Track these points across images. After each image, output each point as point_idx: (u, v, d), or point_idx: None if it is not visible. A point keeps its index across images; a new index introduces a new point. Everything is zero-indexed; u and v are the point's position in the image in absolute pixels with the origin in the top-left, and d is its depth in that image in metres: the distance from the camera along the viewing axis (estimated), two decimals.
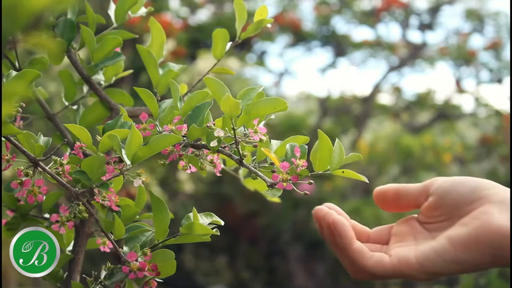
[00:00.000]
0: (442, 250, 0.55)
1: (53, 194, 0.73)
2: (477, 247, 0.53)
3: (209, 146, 0.63)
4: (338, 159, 0.60)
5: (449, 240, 0.55)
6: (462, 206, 0.56)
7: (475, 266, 0.54)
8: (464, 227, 0.55)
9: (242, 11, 0.73)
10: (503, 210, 0.54)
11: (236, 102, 0.58)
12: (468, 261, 0.54)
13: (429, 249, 0.56)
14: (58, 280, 0.71)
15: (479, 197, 0.56)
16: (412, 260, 0.56)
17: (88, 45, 0.73)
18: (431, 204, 0.59)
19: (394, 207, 0.62)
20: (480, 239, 0.53)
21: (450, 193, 0.57)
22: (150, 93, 0.65)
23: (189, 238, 0.63)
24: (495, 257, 0.54)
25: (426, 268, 0.55)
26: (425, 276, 0.56)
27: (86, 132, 0.63)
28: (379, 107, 4.88)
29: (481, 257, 0.54)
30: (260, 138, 0.62)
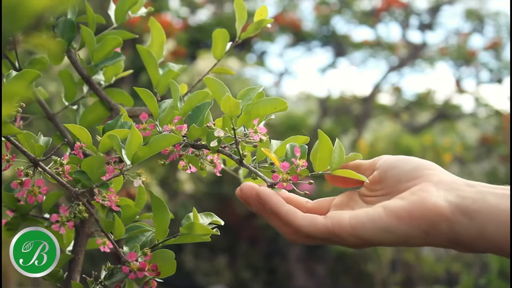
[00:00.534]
0: (376, 216, 0.55)
1: (53, 194, 0.73)
2: (410, 221, 0.54)
3: (209, 146, 0.63)
4: (338, 159, 0.60)
5: (384, 209, 0.55)
6: (402, 182, 0.57)
7: (406, 239, 0.55)
8: (400, 200, 0.55)
9: (242, 11, 0.73)
10: (440, 189, 0.55)
11: (236, 102, 0.58)
12: (399, 232, 0.54)
13: (363, 213, 0.56)
14: (58, 280, 0.71)
15: (420, 175, 0.57)
16: (345, 221, 0.56)
17: (88, 45, 0.73)
18: (374, 177, 0.60)
19: (342, 182, 0.63)
20: (414, 213, 0.54)
21: (393, 169, 0.59)
22: (150, 93, 0.65)
23: (189, 238, 0.63)
24: (427, 234, 0.54)
25: (357, 231, 0.55)
26: (356, 241, 0.56)
27: (86, 132, 0.63)
28: (379, 107, 4.88)
29: (412, 231, 0.54)
30: (260, 138, 0.62)
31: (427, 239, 0.55)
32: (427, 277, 3.83)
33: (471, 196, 0.54)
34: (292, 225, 0.58)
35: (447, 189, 0.55)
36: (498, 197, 0.53)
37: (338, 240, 0.57)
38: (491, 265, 2.34)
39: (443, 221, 0.54)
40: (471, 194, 0.54)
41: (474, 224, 0.53)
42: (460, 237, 0.54)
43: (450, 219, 0.53)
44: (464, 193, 0.54)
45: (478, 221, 0.53)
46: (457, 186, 0.55)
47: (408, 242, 0.56)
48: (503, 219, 0.52)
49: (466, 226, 0.53)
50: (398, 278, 3.82)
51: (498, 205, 0.53)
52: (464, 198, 0.54)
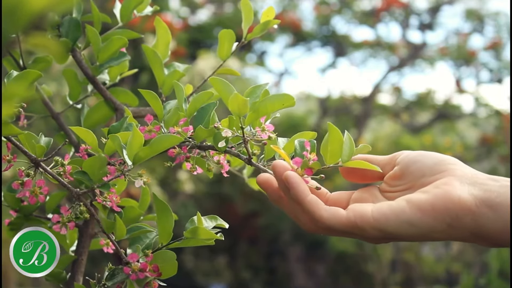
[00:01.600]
0: (399, 209, 0.55)
1: (57, 194, 0.72)
2: (434, 213, 0.54)
3: (216, 147, 0.62)
4: (349, 150, 0.59)
5: (407, 202, 0.55)
6: (425, 177, 0.57)
7: (429, 233, 0.55)
8: (424, 194, 0.55)
9: (248, 12, 0.72)
10: (464, 183, 0.55)
11: (244, 100, 0.58)
12: (422, 225, 0.54)
13: (386, 206, 0.56)
14: (61, 281, 0.71)
15: (443, 170, 0.57)
16: (368, 214, 0.56)
17: (94, 45, 0.73)
18: (396, 172, 0.60)
19: (360, 177, 0.63)
20: (438, 206, 0.54)
21: (415, 163, 0.58)
22: (154, 94, 0.64)
23: (192, 242, 0.63)
24: (451, 227, 0.54)
25: (380, 224, 0.55)
26: (378, 234, 0.56)
27: (92, 134, 0.62)
28: (379, 107, 4.88)
29: (435, 224, 0.54)
30: (269, 135, 0.61)
31: (450, 233, 0.55)
32: (427, 277, 3.84)
33: (496, 190, 0.54)
34: (314, 215, 0.57)
35: (470, 183, 0.55)
36: None
37: (359, 233, 0.56)
38: (491, 265, 2.34)
39: (468, 215, 0.53)
40: (495, 188, 0.54)
41: (499, 217, 0.53)
42: (484, 230, 0.54)
43: (474, 212, 0.53)
44: (488, 187, 0.54)
45: (503, 214, 0.53)
46: (481, 180, 0.55)
47: (431, 236, 0.55)
48: None
49: (491, 219, 0.53)
50: (398, 278, 3.82)
51: None
52: (489, 192, 0.54)
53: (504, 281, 2.27)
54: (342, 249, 3.68)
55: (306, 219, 0.58)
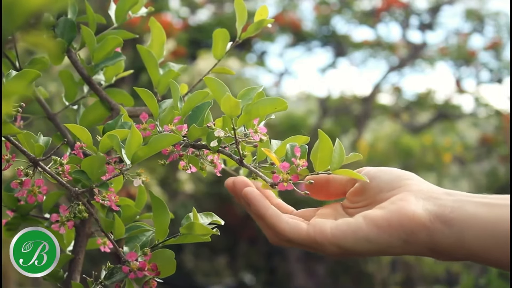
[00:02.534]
0: (356, 226, 0.56)
1: (53, 194, 0.73)
2: (390, 229, 0.55)
3: (209, 146, 0.63)
4: (339, 158, 0.60)
5: (364, 218, 0.56)
6: (383, 192, 0.58)
7: (387, 248, 0.56)
8: (380, 209, 0.56)
9: (242, 11, 0.73)
10: (419, 198, 0.55)
11: (236, 101, 0.58)
12: (379, 241, 0.55)
13: (344, 223, 0.57)
14: (58, 280, 0.71)
15: (399, 185, 0.58)
16: (327, 230, 0.57)
17: (89, 45, 0.73)
18: (356, 189, 0.61)
19: (324, 194, 0.64)
20: (393, 222, 0.55)
21: (374, 179, 0.59)
22: (150, 93, 0.65)
23: (189, 238, 0.63)
24: (407, 243, 0.55)
25: (338, 240, 0.56)
26: (337, 250, 0.57)
27: (87, 132, 0.62)
28: (379, 107, 4.88)
29: (392, 240, 0.55)
30: (261, 138, 0.62)
31: (407, 248, 0.55)
32: (427, 277, 3.83)
33: (450, 205, 0.54)
34: (275, 228, 0.58)
35: (425, 198, 0.56)
36: (476, 206, 0.54)
37: (318, 248, 0.58)
38: None
39: (422, 230, 0.54)
40: (449, 203, 0.55)
41: (453, 232, 0.53)
42: (439, 245, 0.54)
43: (429, 228, 0.54)
44: (442, 202, 0.55)
45: (456, 229, 0.53)
46: (435, 195, 0.56)
47: (389, 252, 0.56)
48: (481, 227, 0.53)
49: (445, 234, 0.54)
50: (398, 278, 3.82)
51: (476, 213, 0.53)
52: (443, 207, 0.54)
53: (504, 281, 2.27)
54: None
55: (269, 233, 0.60)
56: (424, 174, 4.38)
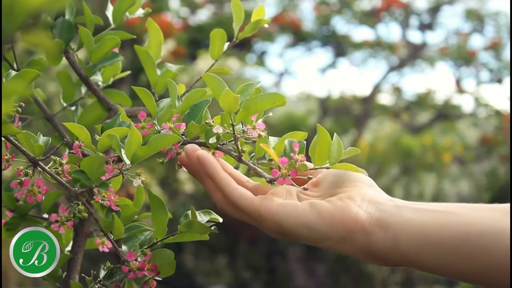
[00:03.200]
0: (302, 211, 0.57)
1: (52, 194, 0.73)
2: (331, 223, 0.56)
3: (208, 144, 0.63)
4: (337, 153, 0.60)
5: (310, 206, 0.57)
6: (335, 188, 0.60)
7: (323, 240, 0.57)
8: (327, 202, 0.58)
9: (239, 11, 0.73)
10: (364, 201, 0.57)
11: (235, 97, 0.58)
12: (318, 231, 0.56)
13: (291, 204, 0.58)
14: (57, 279, 0.71)
15: (352, 185, 0.59)
16: (273, 206, 0.58)
17: (86, 45, 0.73)
18: (317, 179, 0.63)
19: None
20: (336, 216, 0.56)
21: (334, 176, 0.61)
22: (148, 92, 0.65)
23: (187, 236, 0.63)
24: (344, 240, 0.56)
25: (280, 219, 0.57)
26: (275, 228, 0.58)
27: (85, 131, 0.63)
28: (379, 107, 4.88)
29: (330, 233, 0.56)
30: (259, 134, 0.62)
31: (343, 245, 0.57)
32: (427, 277, 3.83)
33: (389, 210, 0.56)
34: (223, 190, 0.60)
35: (369, 201, 0.57)
36: (413, 212, 0.55)
37: (259, 221, 0.59)
38: None
39: (360, 231, 0.56)
40: (389, 208, 0.56)
41: (389, 236, 0.55)
42: (375, 248, 0.55)
43: (367, 230, 0.55)
44: (383, 207, 0.56)
45: (392, 233, 0.55)
46: (379, 200, 0.57)
47: (325, 244, 0.57)
48: (415, 233, 0.54)
49: (381, 238, 0.55)
50: (398, 278, 3.82)
51: (411, 219, 0.55)
52: (383, 212, 0.56)
53: None
54: None
55: (218, 196, 0.61)
56: (424, 174, 4.38)
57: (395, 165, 4.25)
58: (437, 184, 4.48)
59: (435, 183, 4.49)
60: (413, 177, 4.26)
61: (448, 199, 4.45)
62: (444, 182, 4.52)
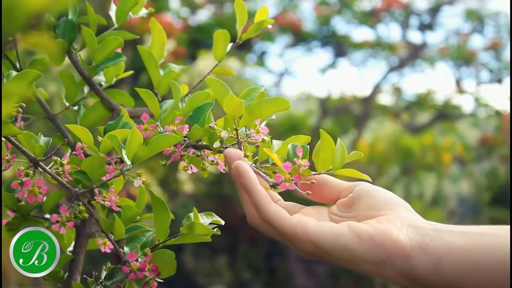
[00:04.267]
0: (339, 231, 0.57)
1: (54, 194, 0.73)
2: (370, 245, 0.56)
3: (211, 147, 0.63)
4: (341, 158, 0.60)
5: (349, 227, 0.57)
6: (372, 210, 0.59)
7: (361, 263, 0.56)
8: (366, 225, 0.57)
9: (242, 12, 0.73)
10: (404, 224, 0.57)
11: (239, 102, 0.58)
12: (356, 252, 0.56)
13: (328, 225, 0.58)
14: (58, 280, 0.71)
15: (389, 208, 0.59)
16: (309, 226, 0.57)
17: (89, 46, 0.73)
18: (348, 200, 0.62)
19: (316, 195, 0.64)
20: (376, 239, 0.56)
21: (368, 196, 0.60)
22: (151, 93, 0.65)
23: (189, 238, 0.63)
24: (383, 263, 0.56)
25: (317, 239, 0.57)
26: (312, 248, 0.57)
27: (88, 132, 0.62)
28: (379, 107, 4.88)
29: (370, 255, 0.56)
30: (263, 138, 0.62)
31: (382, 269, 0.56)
32: None
33: (430, 234, 0.56)
34: (258, 206, 0.59)
35: (409, 225, 0.57)
36: (454, 235, 0.55)
37: (294, 240, 0.58)
38: None
39: (401, 255, 0.55)
40: (430, 232, 0.56)
41: (431, 260, 0.54)
42: (416, 272, 0.55)
43: (408, 254, 0.55)
44: (424, 231, 0.56)
45: (434, 257, 0.54)
46: (419, 224, 0.57)
47: (361, 266, 0.57)
48: (458, 256, 0.54)
49: (423, 262, 0.55)
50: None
51: (453, 242, 0.54)
52: (424, 236, 0.56)
53: None
54: None
55: (251, 210, 0.60)
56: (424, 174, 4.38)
57: (395, 165, 4.25)
58: (437, 184, 4.48)
59: (435, 183, 4.49)
60: (413, 177, 4.26)
61: (448, 199, 4.45)
62: (444, 182, 4.52)
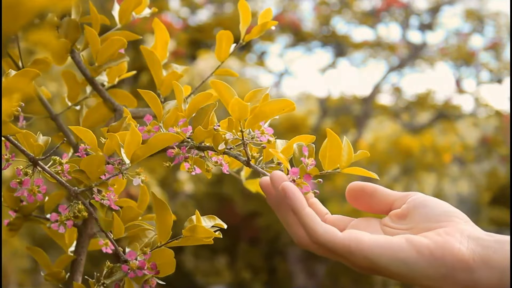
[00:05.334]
0: (397, 246, 0.54)
1: (56, 194, 0.72)
2: (430, 259, 0.54)
3: (216, 149, 0.62)
4: (347, 157, 0.60)
5: (407, 241, 0.55)
6: (429, 222, 0.57)
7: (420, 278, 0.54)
8: (424, 238, 0.55)
9: (246, 13, 0.72)
10: (464, 237, 0.55)
11: (245, 105, 0.58)
12: (415, 267, 0.54)
13: (384, 240, 0.55)
14: (60, 280, 0.71)
15: (447, 220, 0.57)
16: (364, 243, 0.55)
17: (92, 46, 0.73)
18: (403, 211, 0.59)
19: (365, 205, 0.62)
20: (436, 253, 0.54)
21: (425, 207, 0.58)
22: (154, 94, 0.64)
23: (191, 240, 0.63)
24: (443, 278, 0.54)
25: (373, 254, 0.54)
26: (368, 264, 0.55)
27: (91, 134, 0.62)
28: (379, 107, 4.88)
29: (430, 270, 0.54)
30: (268, 139, 0.61)
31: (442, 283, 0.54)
32: None
33: (492, 245, 0.54)
34: (309, 228, 0.56)
35: (469, 237, 0.55)
36: None
37: (350, 258, 0.56)
38: None
39: (464, 269, 0.53)
40: (491, 243, 0.54)
41: (495, 273, 0.53)
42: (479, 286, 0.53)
43: (471, 267, 0.53)
44: (486, 243, 0.54)
45: (499, 269, 0.53)
46: (479, 236, 0.55)
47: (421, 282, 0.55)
48: None
49: (486, 275, 0.53)
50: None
51: None
52: (486, 248, 0.53)
53: None
54: None
55: (300, 232, 0.58)
56: (424, 174, 4.38)
57: (395, 165, 4.25)
58: (437, 184, 4.48)
59: (435, 183, 4.49)
60: (413, 177, 4.26)
61: (448, 199, 4.45)
62: (444, 182, 4.52)
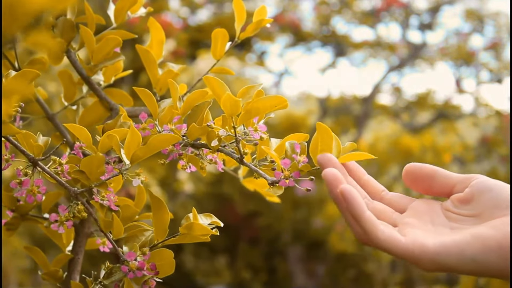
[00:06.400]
0: (465, 244, 0.53)
1: (53, 194, 0.73)
2: (500, 252, 0.52)
3: (209, 146, 0.63)
4: (337, 148, 0.60)
5: (475, 238, 0.53)
6: (498, 209, 0.55)
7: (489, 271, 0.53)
8: (492, 229, 0.53)
9: (241, 11, 0.73)
10: None
11: (236, 100, 0.58)
12: (484, 263, 0.52)
13: (450, 240, 0.54)
14: (57, 280, 0.71)
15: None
16: (428, 246, 0.54)
17: (88, 45, 0.73)
18: (466, 195, 0.57)
19: (424, 187, 0.60)
20: (504, 245, 0.52)
21: (490, 192, 0.56)
22: (149, 92, 0.65)
23: (188, 238, 0.63)
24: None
25: (440, 258, 0.53)
26: (434, 266, 0.54)
27: (86, 131, 0.62)
28: (379, 107, 4.88)
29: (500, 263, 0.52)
30: (261, 136, 0.61)
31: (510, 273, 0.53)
32: (427, 277, 3.83)
33: None
34: (369, 234, 0.55)
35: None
36: None
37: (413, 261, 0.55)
38: None
39: None
40: None
41: None
42: None
43: None
44: None
45: None
46: None
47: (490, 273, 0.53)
48: None
49: None
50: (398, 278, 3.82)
51: None
52: None
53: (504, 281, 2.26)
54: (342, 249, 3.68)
55: (360, 232, 0.57)
56: None
57: (395, 165, 4.25)
58: None
59: None
60: None
61: None
62: None
